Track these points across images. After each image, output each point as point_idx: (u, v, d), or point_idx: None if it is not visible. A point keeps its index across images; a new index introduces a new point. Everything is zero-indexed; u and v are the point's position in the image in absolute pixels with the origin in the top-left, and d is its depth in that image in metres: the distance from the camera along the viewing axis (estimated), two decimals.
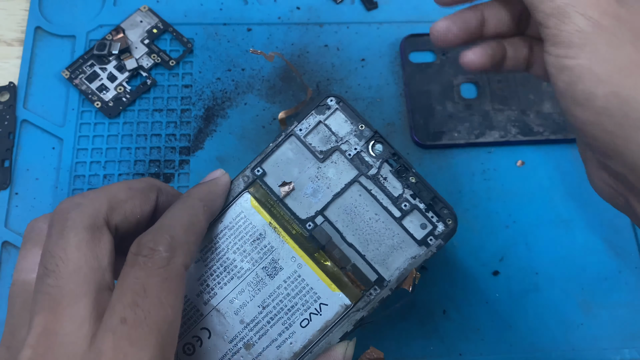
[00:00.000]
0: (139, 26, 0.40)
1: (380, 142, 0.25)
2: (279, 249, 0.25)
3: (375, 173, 0.25)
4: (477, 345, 0.33)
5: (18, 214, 0.35)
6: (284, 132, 0.26)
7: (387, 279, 0.24)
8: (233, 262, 0.24)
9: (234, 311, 0.24)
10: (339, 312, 0.24)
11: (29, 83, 0.38)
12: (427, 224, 0.24)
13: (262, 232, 0.25)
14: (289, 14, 0.41)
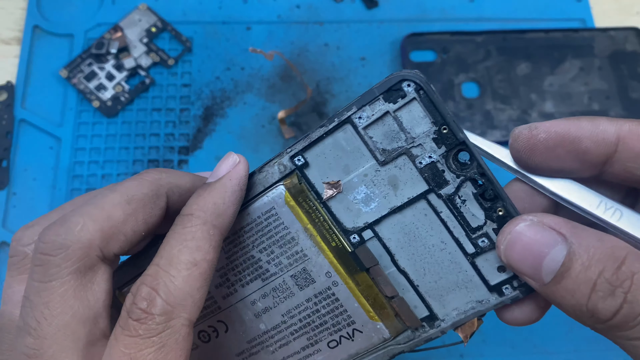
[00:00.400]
0: (137, 25, 0.40)
1: (467, 154, 0.19)
2: (312, 259, 0.20)
3: (451, 193, 0.19)
4: (479, 346, 0.32)
5: (16, 214, 0.35)
6: (337, 117, 0.19)
7: (440, 318, 0.20)
8: (258, 261, 0.21)
9: (254, 314, 0.21)
10: (375, 343, 0.21)
11: (27, 82, 0.38)
12: (507, 271, 0.19)
13: (295, 236, 0.20)
14: (289, 13, 0.41)
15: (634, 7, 0.43)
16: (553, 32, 0.40)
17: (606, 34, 0.40)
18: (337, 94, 0.39)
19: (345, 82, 0.39)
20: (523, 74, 0.39)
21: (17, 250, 0.18)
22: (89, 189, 0.35)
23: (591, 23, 0.42)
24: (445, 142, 0.19)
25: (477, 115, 0.37)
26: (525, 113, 0.38)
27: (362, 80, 0.39)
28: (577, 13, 0.42)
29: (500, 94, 0.38)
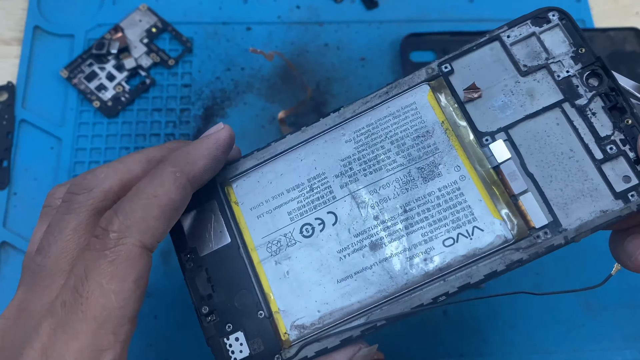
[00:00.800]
0: (137, 25, 0.40)
1: (600, 73, 0.21)
2: (443, 153, 0.22)
3: (584, 104, 0.21)
4: (478, 346, 0.33)
5: (16, 214, 0.35)
6: (488, 33, 0.22)
7: (563, 226, 0.20)
8: (387, 152, 0.22)
9: (371, 204, 0.22)
10: (495, 243, 0.20)
11: (28, 82, 0.38)
12: (632, 177, 0.20)
13: (431, 129, 0.22)
14: (289, 13, 0.41)
15: (634, 7, 0.43)
16: None
17: (605, 35, 0.40)
18: (337, 94, 0.39)
19: (345, 82, 0.39)
20: None
21: (49, 201, 0.22)
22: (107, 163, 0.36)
23: (590, 23, 0.42)
24: (582, 60, 0.21)
25: None
26: None
27: (362, 80, 0.39)
28: (577, 13, 0.42)
29: None
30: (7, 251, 0.34)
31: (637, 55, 0.40)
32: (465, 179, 0.21)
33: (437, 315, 0.33)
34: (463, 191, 0.21)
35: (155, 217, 0.19)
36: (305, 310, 0.21)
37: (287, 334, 0.21)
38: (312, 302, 0.21)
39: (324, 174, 0.23)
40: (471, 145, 0.21)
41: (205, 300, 0.22)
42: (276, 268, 0.22)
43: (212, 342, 0.21)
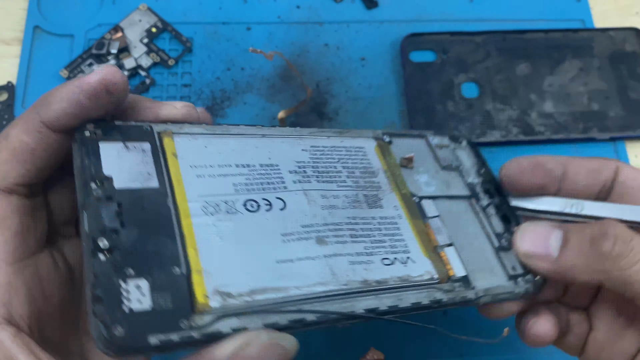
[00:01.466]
0: (137, 25, 0.40)
1: (493, 192, 0.26)
2: (385, 192, 0.25)
3: (484, 205, 0.26)
4: (478, 346, 0.33)
5: None
6: (419, 132, 0.28)
7: (472, 284, 0.23)
8: (339, 172, 0.24)
9: (321, 205, 0.22)
10: (424, 277, 0.22)
11: (27, 82, 0.38)
12: (518, 268, 0.24)
13: (375, 171, 0.25)
14: (289, 13, 0.41)
15: (634, 7, 0.43)
16: (552, 33, 0.40)
17: (606, 35, 0.40)
18: (337, 95, 0.39)
19: (345, 82, 0.39)
20: (523, 74, 0.39)
21: None
22: None
23: (590, 23, 0.42)
24: (482, 177, 0.27)
25: (476, 116, 0.38)
26: (524, 113, 0.38)
27: (362, 80, 0.39)
28: (577, 13, 0.42)
29: (500, 94, 0.38)
30: None
31: (637, 56, 0.40)
32: (402, 218, 0.24)
33: (437, 315, 0.33)
34: (400, 227, 0.24)
35: (5, 159, 0.19)
36: (234, 278, 0.19)
37: (207, 297, 0.18)
38: (244, 273, 0.19)
39: (278, 166, 0.23)
40: (406, 196, 0.25)
41: (106, 234, 0.18)
42: (208, 228, 0.20)
43: (102, 280, 0.17)
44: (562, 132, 0.37)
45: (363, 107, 0.38)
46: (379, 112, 0.38)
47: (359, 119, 0.38)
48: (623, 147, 0.38)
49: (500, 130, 0.37)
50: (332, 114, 0.38)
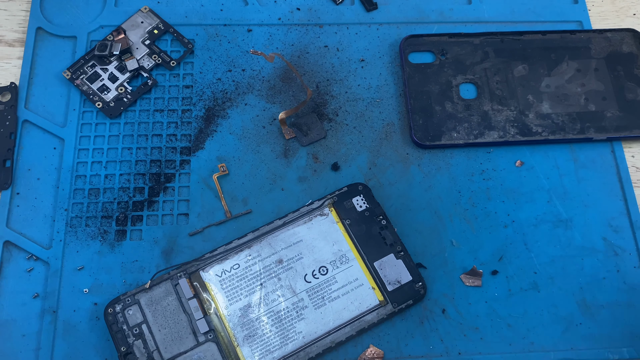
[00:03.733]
0: (139, 27, 0.40)
1: None
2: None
3: None
4: (476, 344, 0.33)
5: (19, 214, 0.35)
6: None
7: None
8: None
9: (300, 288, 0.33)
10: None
11: (30, 83, 0.38)
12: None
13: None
14: (289, 15, 0.41)
15: (630, 9, 0.43)
16: (550, 34, 0.40)
17: (603, 36, 0.41)
18: (337, 95, 0.39)
19: (344, 83, 0.39)
20: (520, 76, 0.39)
21: None
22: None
23: (588, 25, 0.42)
24: None
25: (474, 117, 0.38)
26: (522, 114, 0.38)
27: (362, 81, 0.39)
28: (574, 15, 0.42)
29: (498, 95, 0.39)
30: (9, 250, 0.34)
31: (634, 57, 0.40)
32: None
33: (436, 314, 0.33)
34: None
35: None
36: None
37: None
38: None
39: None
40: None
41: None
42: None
43: None
44: (559, 132, 0.38)
45: (362, 107, 0.39)
46: (378, 113, 0.39)
47: (359, 119, 0.38)
48: (620, 148, 0.38)
49: (498, 131, 0.38)
50: (332, 115, 0.38)
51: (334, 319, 0.32)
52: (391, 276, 0.33)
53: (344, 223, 0.34)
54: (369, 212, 0.35)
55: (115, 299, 0.32)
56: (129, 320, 0.32)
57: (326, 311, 0.32)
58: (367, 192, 0.35)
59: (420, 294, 0.33)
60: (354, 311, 0.32)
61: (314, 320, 0.32)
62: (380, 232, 0.34)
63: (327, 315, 0.32)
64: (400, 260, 0.34)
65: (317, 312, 0.32)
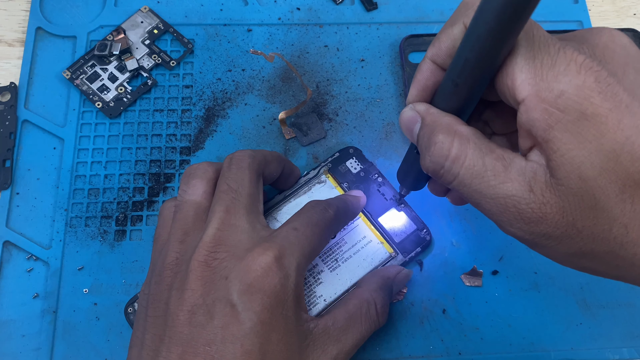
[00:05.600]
0: (139, 27, 0.40)
1: None
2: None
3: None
4: (477, 344, 0.33)
5: (19, 214, 0.35)
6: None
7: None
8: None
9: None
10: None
11: (30, 83, 0.38)
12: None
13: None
14: (289, 15, 0.41)
15: (631, 9, 0.43)
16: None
17: None
18: (337, 95, 0.39)
19: (344, 83, 0.39)
20: None
21: (198, 167, 0.29)
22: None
23: (588, 25, 0.42)
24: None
25: None
26: None
27: (362, 81, 0.39)
28: (575, 15, 0.42)
29: None
30: (9, 250, 0.34)
31: None
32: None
33: (436, 314, 0.33)
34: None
35: (263, 159, 0.30)
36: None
37: None
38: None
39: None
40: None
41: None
42: None
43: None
44: None
45: (362, 107, 0.39)
46: (379, 113, 0.39)
47: (359, 119, 0.38)
48: None
49: None
50: (332, 115, 0.38)
51: (350, 278, 0.33)
52: (396, 228, 0.34)
53: (342, 186, 0.35)
54: (364, 172, 0.36)
55: (134, 297, 0.32)
56: None
57: (341, 272, 0.33)
58: (358, 153, 0.36)
59: (426, 240, 0.34)
60: (367, 267, 0.33)
61: (331, 282, 0.32)
62: (378, 189, 0.35)
63: (343, 275, 0.33)
64: (402, 212, 0.35)
65: (333, 274, 0.32)
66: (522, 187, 0.19)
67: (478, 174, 0.20)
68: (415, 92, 0.24)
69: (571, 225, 0.19)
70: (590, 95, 0.18)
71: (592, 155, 0.18)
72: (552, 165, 0.19)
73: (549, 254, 0.21)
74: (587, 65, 0.18)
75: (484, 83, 0.21)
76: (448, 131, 0.21)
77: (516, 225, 0.20)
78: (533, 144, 0.20)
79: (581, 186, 0.18)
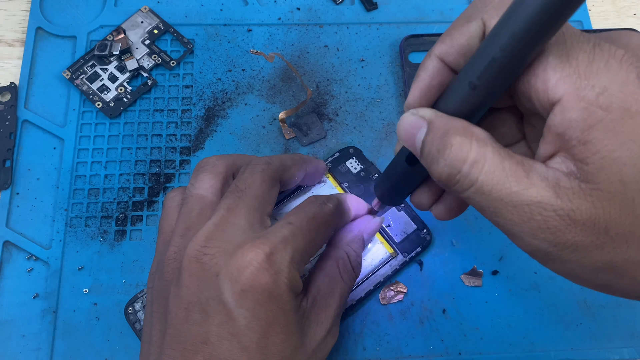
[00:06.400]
0: (139, 27, 0.40)
1: None
2: None
3: None
4: (477, 344, 0.33)
5: (19, 214, 0.35)
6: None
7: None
8: None
9: None
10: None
11: (30, 83, 0.38)
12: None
13: None
14: (289, 15, 0.41)
15: (631, 9, 0.43)
16: None
17: None
18: (337, 95, 0.39)
19: (345, 83, 0.39)
20: None
21: (207, 161, 0.29)
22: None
23: (588, 25, 0.42)
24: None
25: None
26: None
27: (362, 81, 0.39)
28: (575, 15, 0.42)
29: None
30: (9, 250, 0.34)
31: None
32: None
33: (436, 314, 0.33)
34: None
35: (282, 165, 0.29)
36: None
37: None
38: None
39: None
40: None
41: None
42: None
43: None
44: None
45: (362, 107, 0.39)
46: (379, 113, 0.39)
47: (359, 119, 0.38)
48: None
49: None
50: (332, 115, 0.38)
51: None
52: (397, 228, 0.34)
53: (343, 186, 0.35)
54: (364, 172, 0.36)
55: (133, 298, 0.32)
56: None
57: None
58: (358, 153, 0.36)
59: (426, 240, 0.34)
60: (368, 267, 0.33)
61: None
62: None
63: None
64: (402, 212, 0.35)
65: None
66: (548, 193, 0.18)
67: (499, 180, 0.18)
68: (417, 92, 0.22)
69: (603, 233, 0.17)
70: (635, 92, 0.17)
71: (635, 157, 0.17)
72: (589, 169, 0.17)
73: (571, 270, 0.19)
74: (627, 61, 0.17)
75: (506, 86, 0.19)
76: (465, 133, 0.19)
77: (540, 235, 0.18)
78: (557, 150, 0.18)
79: (621, 190, 0.17)
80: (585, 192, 0.17)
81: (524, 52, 0.17)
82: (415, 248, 0.34)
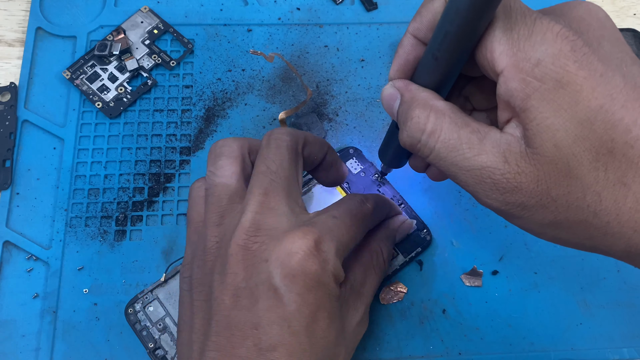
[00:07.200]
0: (139, 27, 0.40)
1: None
2: None
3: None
4: (477, 344, 0.33)
5: (19, 214, 0.35)
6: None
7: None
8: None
9: None
10: None
11: (30, 83, 0.38)
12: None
13: None
14: (289, 15, 0.41)
15: (631, 9, 0.43)
16: None
17: None
18: (337, 95, 0.39)
19: (344, 83, 0.39)
20: None
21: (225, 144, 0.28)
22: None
23: None
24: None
25: None
26: None
27: (362, 81, 0.39)
28: None
29: None
30: (9, 250, 0.34)
31: None
32: None
33: (436, 314, 0.33)
34: None
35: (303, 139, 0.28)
36: None
37: None
38: None
39: None
40: None
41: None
42: None
43: None
44: None
45: (362, 107, 0.39)
46: (379, 113, 0.39)
47: (359, 119, 0.38)
48: None
49: None
50: (332, 115, 0.38)
51: None
52: None
53: (343, 187, 0.35)
54: (364, 172, 0.36)
55: (134, 298, 0.32)
56: (151, 317, 0.32)
57: None
58: (358, 154, 0.37)
59: (426, 240, 0.34)
60: None
61: None
62: (378, 190, 0.36)
63: None
64: (403, 212, 0.35)
65: None
66: (497, 158, 0.20)
67: (454, 147, 0.21)
68: (396, 67, 0.24)
69: (546, 194, 0.19)
70: (566, 64, 0.18)
71: (567, 123, 0.18)
72: (529, 134, 0.19)
73: (524, 225, 0.21)
74: (563, 34, 0.18)
75: (464, 56, 0.21)
76: (424, 106, 0.22)
77: (492, 196, 0.21)
78: (511, 116, 0.20)
79: (556, 154, 0.19)
80: (529, 156, 0.19)
81: (470, 25, 0.19)
82: (415, 248, 0.34)
